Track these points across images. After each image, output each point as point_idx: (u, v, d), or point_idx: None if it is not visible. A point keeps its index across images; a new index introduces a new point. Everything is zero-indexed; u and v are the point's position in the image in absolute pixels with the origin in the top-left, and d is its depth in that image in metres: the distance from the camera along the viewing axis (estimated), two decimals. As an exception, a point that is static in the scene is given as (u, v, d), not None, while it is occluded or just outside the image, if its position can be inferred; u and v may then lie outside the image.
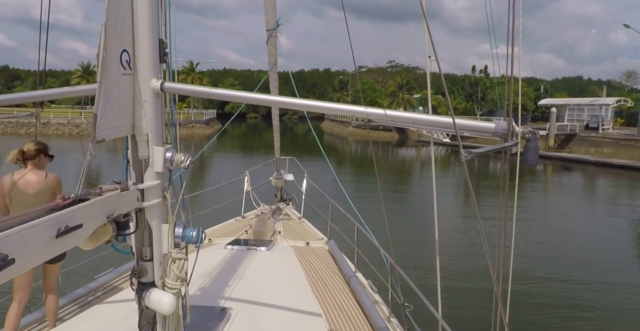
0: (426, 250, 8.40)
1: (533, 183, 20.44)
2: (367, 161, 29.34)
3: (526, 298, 6.69)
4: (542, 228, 11.77)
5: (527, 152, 1.61)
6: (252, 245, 4.00)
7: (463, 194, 17.19)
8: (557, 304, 6.76)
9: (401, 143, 43.01)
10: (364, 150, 37.94)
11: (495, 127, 1.67)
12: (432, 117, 1.74)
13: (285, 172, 6.47)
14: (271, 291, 2.93)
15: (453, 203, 15.33)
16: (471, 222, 12.01)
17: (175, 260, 1.92)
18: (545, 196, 17.89)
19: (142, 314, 1.95)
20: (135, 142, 1.83)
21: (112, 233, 1.62)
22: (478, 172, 24.84)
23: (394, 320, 2.99)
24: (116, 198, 1.59)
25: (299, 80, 79.18)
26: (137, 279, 1.92)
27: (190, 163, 1.92)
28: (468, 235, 10.83)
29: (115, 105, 1.64)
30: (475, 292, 6.77)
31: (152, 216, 1.87)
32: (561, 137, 33.37)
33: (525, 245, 9.60)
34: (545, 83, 56.37)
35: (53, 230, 1.22)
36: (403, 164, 30.23)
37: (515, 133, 1.63)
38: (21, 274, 3.12)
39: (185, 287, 1.98)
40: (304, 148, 7.12)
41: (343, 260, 3.97)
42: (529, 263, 8.44)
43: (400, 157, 34.88)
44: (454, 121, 1.60)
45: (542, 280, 7.70)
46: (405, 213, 13.43)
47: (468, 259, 8.57)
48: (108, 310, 2.62)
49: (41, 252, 1.20)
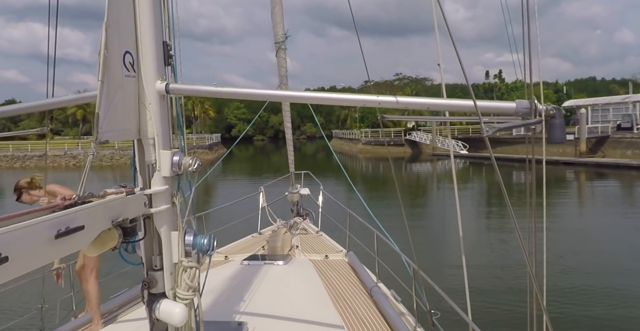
0: (449, 254, 8.34)
1: (566, 191, 20.00)
2: (380, 178, 29.16)
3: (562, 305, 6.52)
4: (578, 240, 11.41)
5: (552, 130, 1.60)
6: (269, 259, 4.02)
7: (485, 204, 16.94)
8: (595, 314, 6.49)
9: (415, 158, 42.79)
10: (375, 168, 37.84)
11: (516, 106, 1.67)
12: (449, 100, 1.75)
13: (301, 186, 6.55)
14: (290, 305, 2.90)
15: (475, 212, 15.12)
16: (494, 231, 11.93)
17: (187, 269, 1.91)
18: (580, 205, 17.33)
19: (153, 327, 1.93)
20: (142, 147, 1.88)
21: (118, 239, 1.64)
22: (504, 183, 24.41)
23: (420, 330, 2.91)
24: (121, 202, 1.60)
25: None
26: (147, 290, 1.92)
27: (199, 166, 1.95)
28: (493, 239, 10.75)
29: (119, 107, 1.69)
30: (506, 296, 6.74)
31: (161, 223, 1.88)
32: (592, 141, 32.18)
33: (559, 257, 9.29)
34: (564, 85, 56.12)
35: (52, 230, 1.22)
36: (418, 179, 29.94)
37: (538, 112, 1.63)
38: (80, 258, 3.24)
39: (197, 298, 1.97)
40: (315, 168, 7.22)
41: (364, 271, 3.92)
42: (562, 276, 8.16)
43: (415, 172, 34.53)
44: (474, 102, 1.60)
45: (577, 292, 7.42)
46: (425, 224, 13.20)
47: (495, 263, 8.63)
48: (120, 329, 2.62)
49: (40, 253, 1.20)
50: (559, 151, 32.18)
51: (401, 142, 45.82)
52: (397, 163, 39.05)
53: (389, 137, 46.67)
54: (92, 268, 3.41)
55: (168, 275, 1.90)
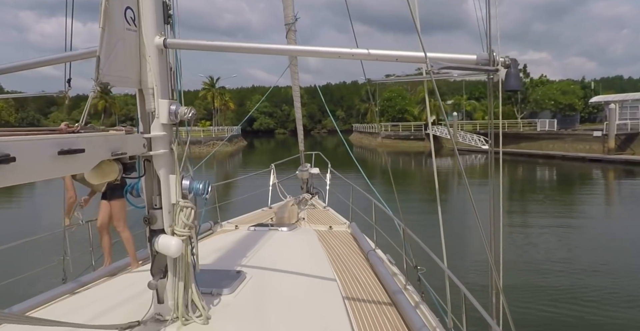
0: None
1: (591, 188, 19.48)
2: (399, 172, 29.03)
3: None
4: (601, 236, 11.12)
5: (508, 78, 1.74)
6: (275, 226, 4.27)
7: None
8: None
9: (435, 152, 42.31)
10: (394, 162, 37.66)
11: (477, 58, 1.81)
12: (402, 52, 1.91)
13: (311, 166, 6.82)
14: (288, 263, 3.13)
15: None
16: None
17: (183, 208, 2.14)
18: (607, 204, 16.83)
19: (154, 261, 2.18)
20: (143, 96, 2.11)
21: (118, 173, 1.88)
22: (527, 179, 23.90)
23: (410, 287, 3.09)
24: (121, 138, 1.84)
25: (325, 93, 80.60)
26: (148, 226, 2.16)
27: (194, 115, 2.17)
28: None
29: (121, 56, 1.92)
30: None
31: (160, 165, 2.11)
32: (621, 137, 31.29)
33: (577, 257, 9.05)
34: (591, 81, 54.13)
35: (56, 147, 1.45)
36: (439, 174, 29.60)
37: (496, 62, 1.77)
38: (100, 216, 3.70)
39: (194, 235, 2.20)
40: (335, 162, 7.46)
41: (363, 238, 4.14)
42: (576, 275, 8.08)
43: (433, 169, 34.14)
44: (425, 54, 1.76)
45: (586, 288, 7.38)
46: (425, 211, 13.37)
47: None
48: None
49: (45, 165, 1.42)
50: (586, 148, 31.32)
51: (421, 136, 45.32)
52: (417, 158, 38.75)
53: (408, 131, 46.28)
54: (118, 218, 3.82)
55: (166, 213, 2.14)
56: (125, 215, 3.83)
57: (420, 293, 3.02)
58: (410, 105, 51.73)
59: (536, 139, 35.64)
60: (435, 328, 2.54)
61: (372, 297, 2.95)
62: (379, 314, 2.73)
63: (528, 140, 35.95)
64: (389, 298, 2.91)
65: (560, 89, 41.85)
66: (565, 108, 41.05)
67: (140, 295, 2.51)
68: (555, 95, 41.14)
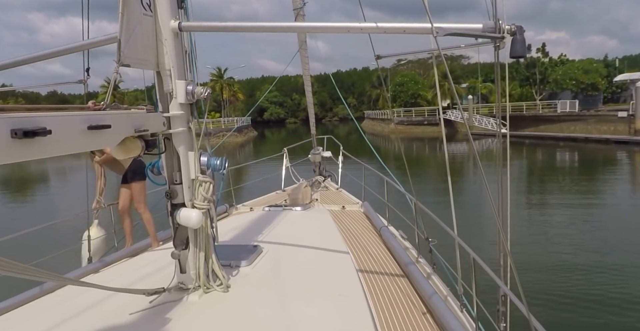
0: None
1: (619, 171, 19.14)
2: (412, 158, 28.90)
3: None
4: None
5: (514, 45, 1.82)
6: (290, 206, 4.46)
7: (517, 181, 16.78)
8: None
9: (449, 138, 41.67)
10: (408, 148, 37.45)
11: (483, 26, 1.89)
12: (409, 24, 2.01)
13: (323, 150, 7.00)
14: (302, 237, 3.31)
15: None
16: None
17: (202, 183, 2.31)
18: (635, 187, 16.54)
19: (176, 233, 2.35)
20: (160, 78, 2.26)
21: (141, 149, 2.04)
22: (547, 162, 23.57)
23: (422, 260, 3.22)
24: (142, 116, 2.00)
25: (337, 80, 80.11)
26: (170, 201, 2.33)
27: (209, 94, 2.32)
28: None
29: (139, 40, 2.06)
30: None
31: (179, 143, 2.27)
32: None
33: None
34: (615, 59, 52.44)
35: (86, 123, 1.60)
36: (454, 159, 29.48)
37: (502, 30, 1.85)
38: (121, 200, 3.94)
39: (212, 208, 2.36)
40: (347, 149, 7.54)
41: (376, 216, 4.29)
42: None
43: (449, 154, 33.84)
44: (432, 24, 1.85)
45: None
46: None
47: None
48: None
49: (77, 139, 1.57)
50: (610, 129, 30.63)
51: (435, 121, 44.86)
52: (430, 143, 38.46)
53: (422, 116, 45.87)
54: (139, 201, 4.05)
55: (186, 188, 2.30)
56: (145, 197, 4.04)
57: (432, 264, 3.16)
58: (423, 89, 51.07)
59: (556, 121, 34.92)
60: (447, 296, 2.68)
61: (384, 269, 3.10)
62: (391, 284, 2.87)
63: (548, 123, 35.29)
64: (401, 270, 3.05)
65: (582, 68, 40.67)
66: (588, 88, 39.94)
67: (162, 269, 2.70)
68: (577, 75, 40.01)
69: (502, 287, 1.94)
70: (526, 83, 46.72)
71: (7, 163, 1.32)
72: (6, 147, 1.28)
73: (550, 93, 44.77)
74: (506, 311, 2.06)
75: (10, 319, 2.37)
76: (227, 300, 2.27)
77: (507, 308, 2.05)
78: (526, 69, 46.37)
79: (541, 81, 44.85)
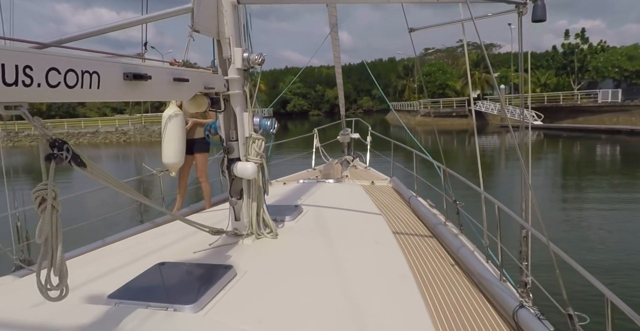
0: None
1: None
2: (437, 152, 28.68)
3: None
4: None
5: (535, 10, 2.12)
6: (322, 179, 4.88)
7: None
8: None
9: (480, 130, 41.05)
10: (435, 142, 37.04)
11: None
12: None
13: (352, 131, 7.40)
14: (337, 202, 3.67)
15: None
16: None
17: (255, 140, 2.70)
18: None
19: (231, 184, 2.76)
20: (220, 46, 2.66)
21: (207, 105, 2.45)
22: (584, 156, 22.93)
23: (450, 223, 3.55)
24: (209, 76, 2.39)
25: (362, 71, 79.95)
26: (227, 155, 2.73)
27: (263, 61, 2.70)
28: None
29: (205, 10, 2.44)
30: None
31: (236, 104, 2.67)
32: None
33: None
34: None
35: (172, 75, 1.98)
36: (484, 153, 29.07)
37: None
38: (182, 168, 4.41)
39: (264, 163, 2.76)
40: (373, 141, 7.84)
41: (405, 188, 4.64)
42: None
43: (480, 147, 33.30)
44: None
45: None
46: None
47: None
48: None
49: (166, 88, 1.94)
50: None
51: (464, 112, 44.32)
52: (459, 136, 38.03)
53: (450, 108, 45.39)
54: (202, 170, 4.60)
55: (241, 144, 2.70)
56: (207, 168, 4.57)
57: (459, 225, 3.47)
58: (451, 79, 50.42)
59: (596, 112, 33.87)
60: (473, 251, 2.99)
61: (414, 231, 3.43)
62: (421, 243, 3.21)
63: (587, 114, 34.28)
64: (430, 232, 3.38)
65: (627, 54, 39.11)
66: (632, 76, 38.46)
67: (216, 224, 3.11)
68: (620, 62, 38.49)
69: (523, 224, 2.24)
70: (563, 72, 45.40)
71: (119, 101, 1.73)
72: (119, 87, 1.68)
73: (589, 82, 43.37)
74: (528, 250, 2.36)
75: (81, 260, 2.74)
76: (277, 245, 2.65)
77: (529, 248, 2.35)
78: (563, 56, 45.07)
79: (579, 69, 43.49)
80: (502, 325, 2.22)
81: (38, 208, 1.43)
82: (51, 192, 1.42)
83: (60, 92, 1.45)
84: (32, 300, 1.81)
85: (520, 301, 2.21)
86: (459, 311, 2.33)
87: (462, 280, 2.68)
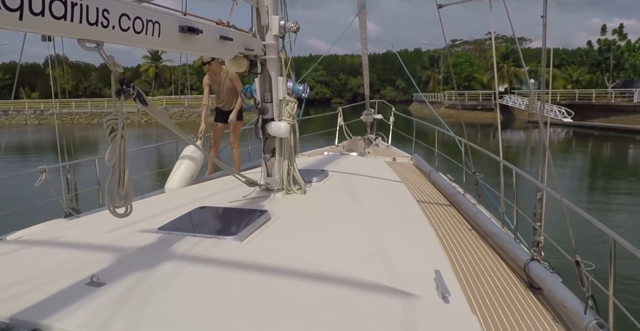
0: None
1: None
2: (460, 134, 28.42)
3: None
4: None
5: None
6: (346, 153, 5.14)
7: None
8: None
9: (506, 125, 40.38)
10: (459, 135, 36.64)
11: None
12: None
13: (375, 112, 7.66)
14: (360, 170, 3.92)
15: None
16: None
17: (288, 102, 2.95)
18: None
19: (265, 143, 3.02)
20: (259, 14, 2.90)
21: (247, 66, 2.71)
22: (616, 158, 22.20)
23: (468, 195, 3.75)
24: (249, 38, 2.65)
25: (386, 61, 79.25)
26: (262, 115, 2.99)
27: (298, 29, 2.93)
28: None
29: None
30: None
31: (272, 68, 2.91)
32: None
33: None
34: None
35: (218, 33, 2.24)
36: (508, 149, 28.55)
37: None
38: (216, 134, 4.90)
39: (296, 124, 3.01)
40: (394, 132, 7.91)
41: (425, 164, 4.86)
42: None
43: (505, 142, 32.75)
44: None
45: None
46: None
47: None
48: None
49: (214, 44, 2.19)
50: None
51: (490, 106, 43.64)
52: (484, 130, 37.51)
53: (476, 101, 44.78)
54: (235, 136, 4.92)
55: (275, 106, 2.95)
56: (239, 135, 4.90)
57: (477, 196, 3.67)
58: (478, 71, 49.59)
59: (632, 112, 32.81)
60: (490, 218, 3.19)
61: (434, 200, 3.65)
62: (440, 210, 3.42)
63: (621, 113, 33.25)
64: (449, 201, 3.59)
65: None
66: (673, 75, 37.11)
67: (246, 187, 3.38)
68: (661, 60, 37.16)
69: (539, 185, 2.43)
70: (597, 69, 44.08)
71: (174, 51, 1.98)
72: (175, 38, 1.94)
73: (624, 81, 41.99)
74: (542, 212, 2.54)
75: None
76: (306, 200, 2.91)
77: (543, 209, 2.53)
78: (598, 53, 43.72)
79: (615, 67, 42.18)
80: (513, 277, 2.43)
81: (108, 136, 1.70)
82: (121, 122, 1.69)
83: (130, 36, 1.71)
84: (86, 234, 2.10)
85: (531, 255, 2.41)
86: (474, 265, 2.55)
87: (478, 241, 2.89)
